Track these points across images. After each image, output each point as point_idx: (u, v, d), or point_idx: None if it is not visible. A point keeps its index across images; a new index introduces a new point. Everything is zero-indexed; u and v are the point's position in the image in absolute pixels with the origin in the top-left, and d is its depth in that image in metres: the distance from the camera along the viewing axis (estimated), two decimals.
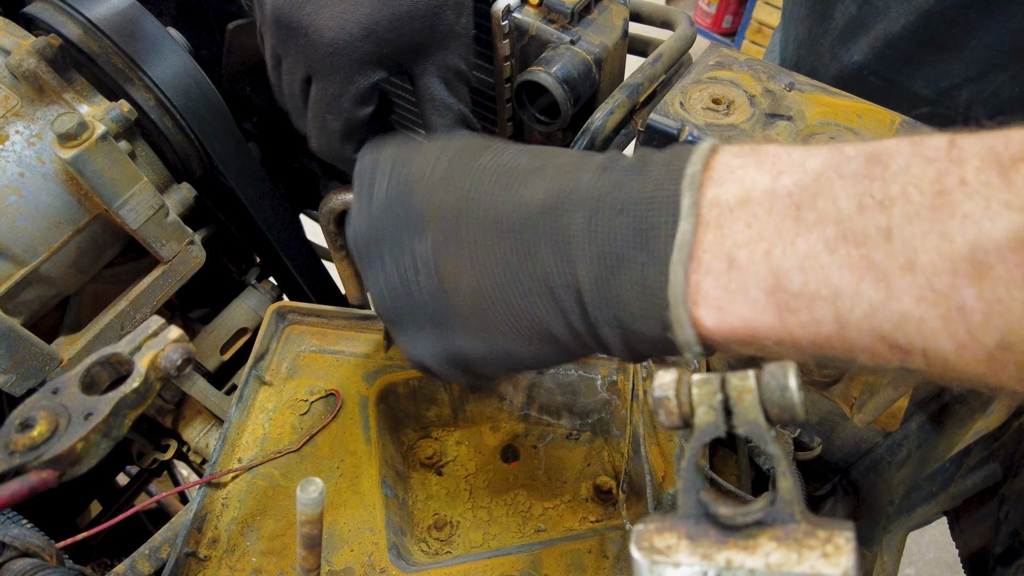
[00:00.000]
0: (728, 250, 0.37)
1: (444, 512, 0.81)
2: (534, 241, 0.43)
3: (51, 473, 0.45)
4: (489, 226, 0.44)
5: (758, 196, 0.37)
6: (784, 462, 0.36)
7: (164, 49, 0.77)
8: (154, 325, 0.52)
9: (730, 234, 0.37)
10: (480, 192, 0.46)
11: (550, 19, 0.71)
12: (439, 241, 0.47)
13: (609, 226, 0.40)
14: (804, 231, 0.35)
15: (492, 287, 0.45)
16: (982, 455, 0.63)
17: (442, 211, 0.47)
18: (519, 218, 0.43)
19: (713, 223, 0.37)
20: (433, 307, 0.48)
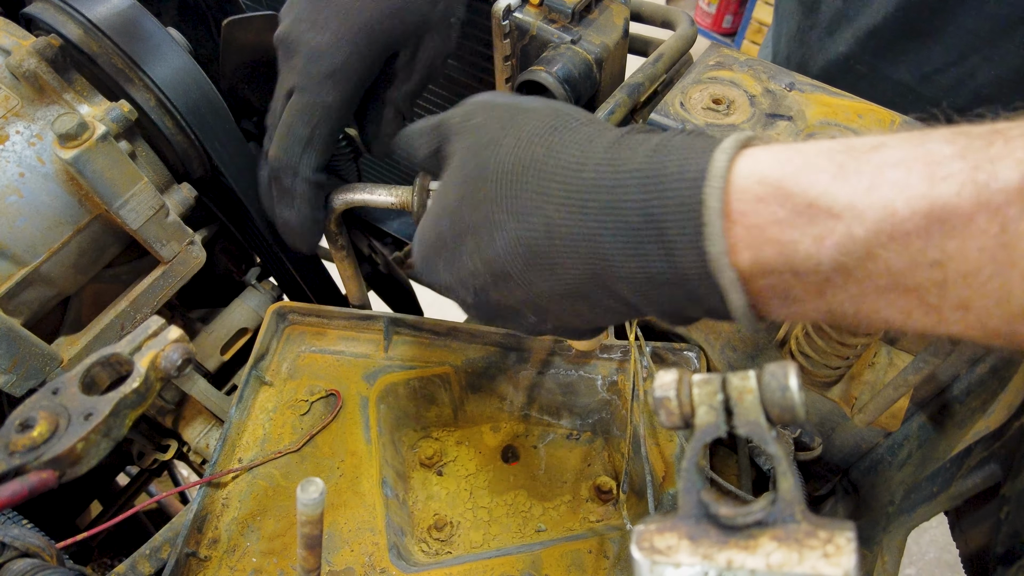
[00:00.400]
0: (785, 294, 0.38)
1: (444, 512, 0.81)
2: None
3: (51, 473, 0.45)
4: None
5: (800, 265, 0.36)
6: (785, 462, 0.36)
7: (164, 49, 0.77)
8: (154, 325, 0.52)
9: (783, 284, 0.37)
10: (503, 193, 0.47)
11: (551, 19, 0.71)
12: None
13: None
14: (854, 284, 0.35)
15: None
16: (982, 455, 0.63)
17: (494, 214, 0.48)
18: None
19: (756, 276, 0.38)
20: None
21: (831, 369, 0.68)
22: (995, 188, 0.30)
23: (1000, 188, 0.30)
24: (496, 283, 0.49)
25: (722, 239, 0.37)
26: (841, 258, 0.34)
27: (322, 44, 0.63)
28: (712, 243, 0.37)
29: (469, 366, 0.87)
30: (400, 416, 0.85)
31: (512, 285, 0.49)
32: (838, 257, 0.34)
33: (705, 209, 0.37)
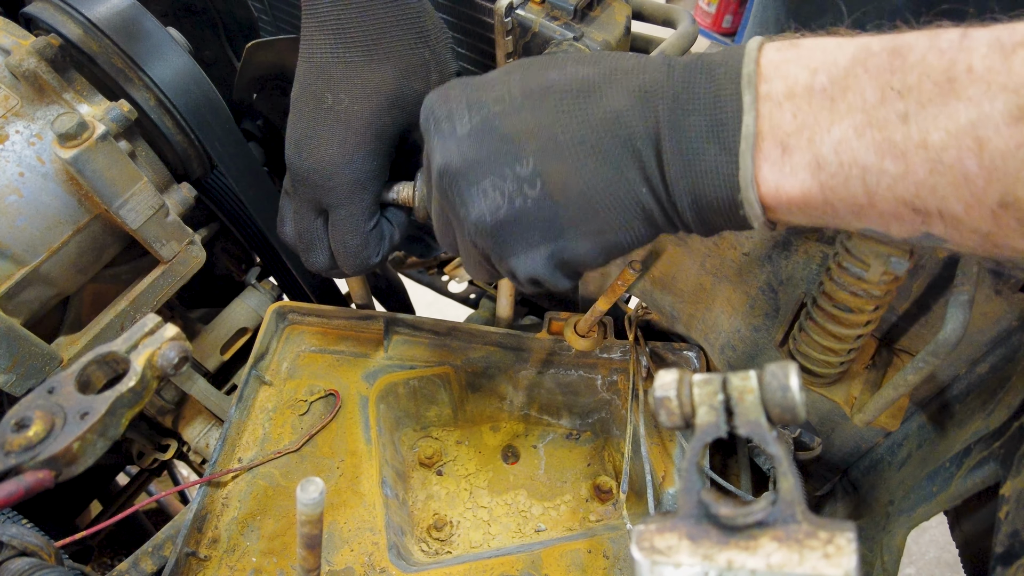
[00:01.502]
0: (781, 139, 0.44)
1: (444, 512, 0.81)
2: (629, 139, 0.49)
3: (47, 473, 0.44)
4: (586, 136, 0.50)
5: (800, 91, 0.43)
6: (785, 462, 0.36)
7: (164, 49, 0.77)
8: (150, 323, 0.52)
9: (781, 124, 0.44)
10: (565, 108, 0.50)
11: (553, 16, 0.71)
12: (542, 159, 0.51)
13: (686, 124, 0.47)
14: (837, 120, 0.41)
15: (601, 187, 0.50)
16: (982, 455, 0.63)
17: (537, 132, 0.51)
18: (611, 123, 0.49)
19: (767, 116, 0.44)
20: (545, 220, 0.52)
21: (831, 369, 0.68)
22: (942, 37, 0.38)
23: (946, 37, 0.38)
24: (521, 109, 0.51)
25: (754, 65, 0.45)
26: (826, 83, 0.42)
27: (335, 157, 0.64)
28: (748, 65, 0.45)
29: (469, 366, 0.86)
30: (400, 416, 0.85)
31: (540, 114, 0.51)
32: (823, 81, 0.42)
33: (746, 56, 0.46)
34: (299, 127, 0.66)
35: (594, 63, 0.52)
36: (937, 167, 0.38)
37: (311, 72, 0.64)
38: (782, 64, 0.44)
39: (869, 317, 0.61)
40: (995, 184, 0.36)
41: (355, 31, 0.62)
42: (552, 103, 0.51)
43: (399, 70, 0.64)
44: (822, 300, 0.62)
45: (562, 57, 0.54)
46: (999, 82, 0.35)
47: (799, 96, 0.43)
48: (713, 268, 0.76)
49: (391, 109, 0.64)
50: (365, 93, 0.63)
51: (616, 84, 0.50)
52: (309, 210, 0.69)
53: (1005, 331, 0.65)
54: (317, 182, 0.66)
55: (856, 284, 0.57)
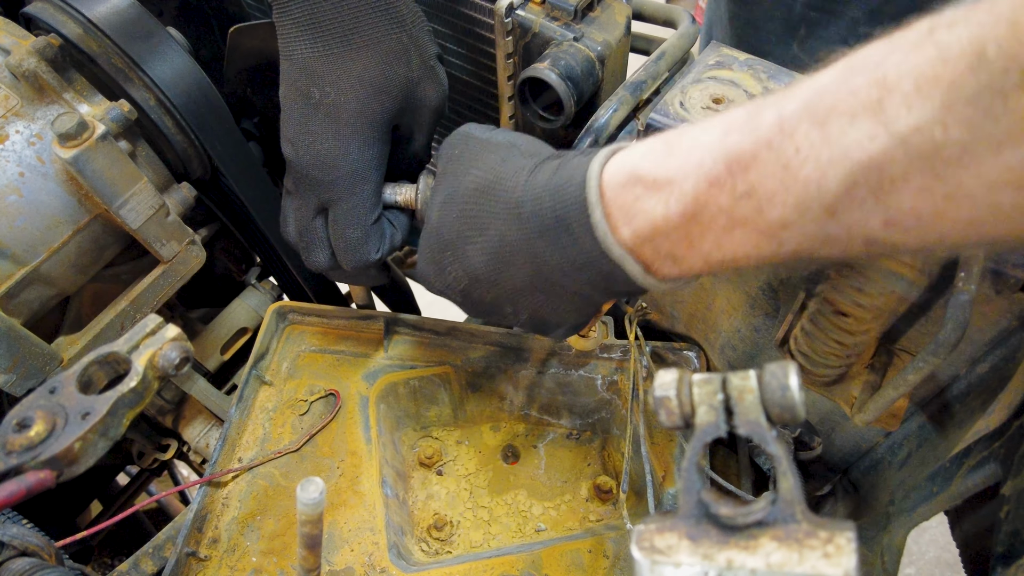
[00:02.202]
0: (670, 255, 0.48)
1: (444, 512, 0.81)
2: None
3: (49, 473, 0.44)
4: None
5: (660, 226, 0.47)
6: (785, 462, 0.36)
7: (164, 49, 0.77)
8: (152, 324, 0.52)
9: (663, 246, 0.48)
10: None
11: (553, 16, 0.71)
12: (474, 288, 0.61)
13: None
14: (707, 231, 0.45)
15: (524, 285, 0.58)
16: (982, 455, 0.63)
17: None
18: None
19: (641, 247, 0.49)
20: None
21: (831, 369, 0.68)
22: (764, 126, 0.41)
23: (767, 125, 0.41)
24: (473, 285, 0.60)
25: (604, 223, 0.49)
26: (684, 210, 0.45)
27: (331, 151, 0.65)
28: (597, 227, 0.49)
29: (469, 366, 0.86)
30: (400, 416, 0.85)
31: (486, 285, 0.60)
32: (682, 210, 0.45)
33: (588, 204, 0.50)
34: (291, 126, 0.66)
35: (483, 226, 0.58)
36: (804, 236, 0.42)
37: (293, 69, 0.64)
38: (634, 203, 0.48)
39: (870, 327, 0.61)
40: (857, 236, 0.40)
41: (330, 24, 0.62)
42: (485, 279, 0.59)
43: (379, 56, 0.64)
44: (824, 306, 0.62)
45: (487, 218, 0.59)
46: (824, 156, 0.38)
47: (663, 226, 0.47)
48: None
49: (378, 96, 0.65)
50: (349, 84, 0.64)
51: (510, 253, 0.57)
52: (310, 208, 0.69)
53: (1005, 331, 0.65)
54: (317, 177, 0.66)
55: (859, 296, 0.57)
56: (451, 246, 0.61)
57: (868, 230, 0.39)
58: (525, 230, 0.55)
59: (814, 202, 0.39)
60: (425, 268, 0.65)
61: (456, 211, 0.60)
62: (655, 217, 0.47)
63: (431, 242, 0.63)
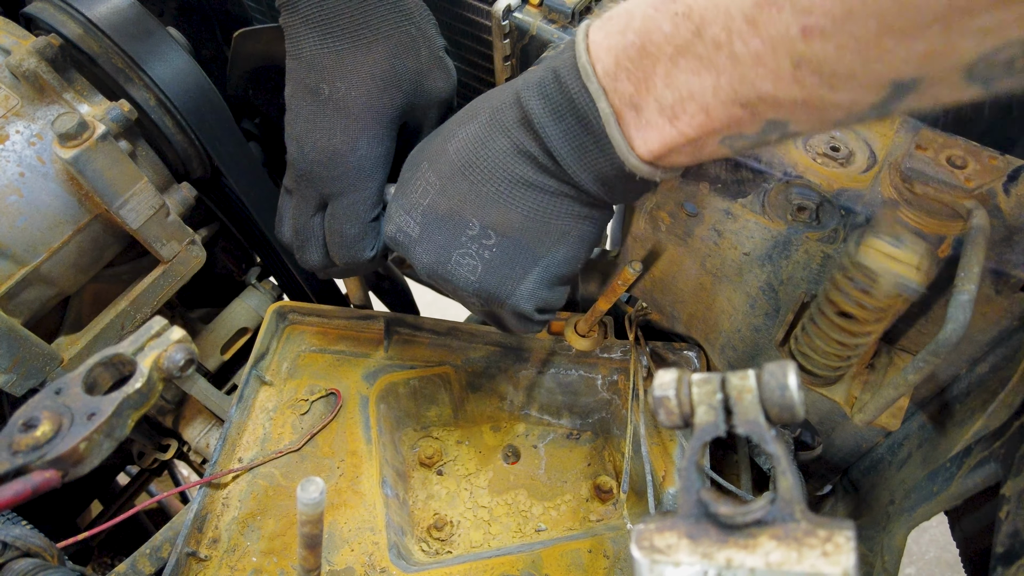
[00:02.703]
0: (630, 103, 0.50)
1: (444, 512, 0.81)
2: (529, 161, 0.57)
3: (54, 473, 0.45)
4: (495, 177, 0.59)
5: (623, 56, 0.49)
6: (784, 461, 0.36)
7: (164, 49, 0.77)
8: (157, 326, 0.52)
9: (624, 91, 0.50)
10: (471, 168, 0.60)
11: (551, 19, 0.71)
12: (479, 214, 0.60)
13: (563, 129, 0.54)
14: (654, 62, 0.47)
15: (531, 206, 0.59)
16: (982, 455, 0.63)
17: (464, 197, 0.60)
18: (508, 158, 0.58)
19: (612, 92, 0.50)
20: (515, 254, 0.61)
21: (831, 369, 0.68)
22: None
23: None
24: (441, 191, 0.60)
25: (586, 57, 0.51)
26: (637, 39, 0.47)
27: (338, 146, 0.65)
28: (580, 57, 0.51)
29: (469, 365, 0.87)
30: (400, 416, 0.85)
31: (454, 188, 0.59)
32: (635, 39, 0.47)
33: (576, 50, 0.51)
34: (298, 123, 0.66)
35: (474, 116, 0.60)
36: (735, 60, 0.42)
37: (301, 67, 0.65)
38: (603, 40, 0.50)
39: (873, 328, 0.61)
40: (781, 51, 0.40)
41: (339, 19, 0.63)
42: (459, 170, 0.59)
43: (388, 50, 0.64)
44: (826, 306, 0.62)
45: (453, 123, 0.62)
46: None
47: (624, 60, 0.49)
48: (713, 268, 0.76)
49: (387, 89, 0.65)
50: (359, 78, 0.64)
51: (496, 126, 0.58)
52: (310, 205, 0.69)
53: (1005, 331, 0.65)
54: (321, 173, 0.66)
55: (863, 298, 0.57)
56: (429, 154, 0.62)
57: (790, 44, 0.39)
58: (507, 98, 0.56)
59: (737, 13, 0.40)
60: (394, 199, 0.64)
61: (442, 128, 0.62)
62: (616, 49, 0.49)
63: (405, 166, 0.64)
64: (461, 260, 0.61)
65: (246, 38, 0.85)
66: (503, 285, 0.61)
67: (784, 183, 0.63)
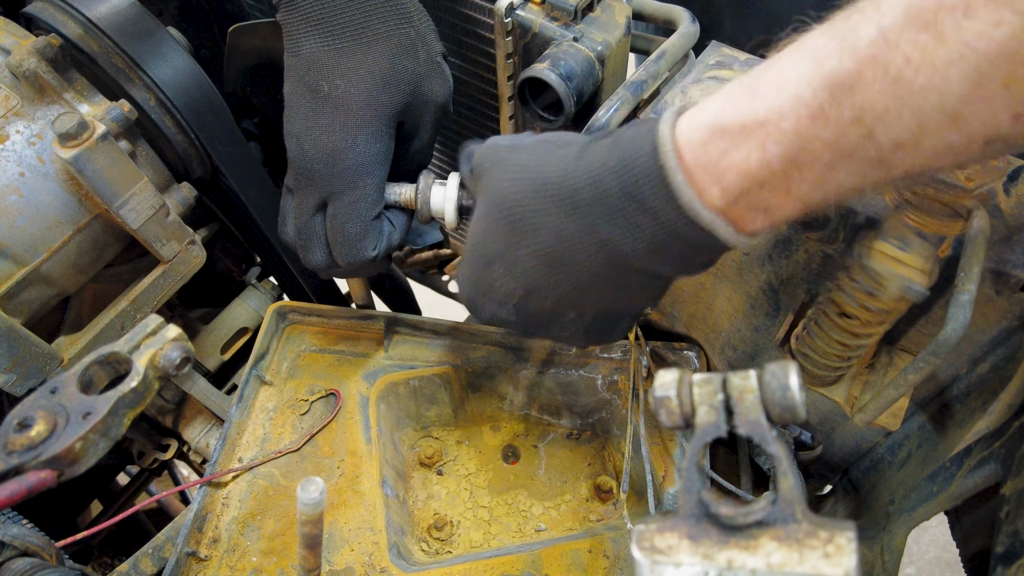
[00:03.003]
0: (763, 207, 0.45)
1: (444, 512, 0.81)
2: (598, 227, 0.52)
3: (50, 473, 0.44)
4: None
5: (757, 175, 0.43)
6: (785, 462, 0.36)
7: (164, 49, 0.77)
8: (152, 324, 0.52)
9: (756, 199, 0.45)
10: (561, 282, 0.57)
11: (553, 16, 0.71)
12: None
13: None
14: (806, 171, 0.42)
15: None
16: (982, 455, 0.63)
17: (551, 296, 0.58)
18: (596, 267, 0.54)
19: (731, 206, 0.45)
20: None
21: (831, 369, 0.68)
22: (863, 44, 0.38)
23: (867, 42, 0.38)
24: (529, 295, 0.57)
25: (688, 188, 0.45)
26: (783, 152, 0.42)
27: (337, 144, 0.65)
28: (682, 194, 0.45)
29: (469, 366, 0.86)
30: (400, 416, 0.85)
31: (544, 291, 0.56)
32: (781, 152, 0.42)
33: (666, 170, 0.46)
34: (297, 121, 0.66)
35: (533, 228, 0.54)
36: (918, 154, 0.39)
37: (301, 65, 0.65)
38: (720, 158, 0.44)
39: (875, 330, 0.61)
40: (979, 138, 0.37)
41: (340, 18, 0.63)
42: (543, 285, 0.56)
43: (388, 50, 0.64)
44: (829, 308, 0.62)
45: (508, 218, 0.56)
46: (942, 59, 0.36)
47: (759, 174, 0.43)
48: (713, 268, 0.76)
49: (386, 88, 0.65)
50: (359, 75, 0.64)
51: (571, 252, 0.53)
52: (311, 204, 0.69)
53: (1005, 331, 0.65)
54: (321, 171, 0.66)
55: (868, 300, 0.57)
56: (498, 258, 0.57)
57: (993, 128, 0.36)
58: (587, 218, 0.50)
59: (934, 111, 0.36)
60: (471, 293, 0.62)
61: (499, 220, 0.56)
62: (750, 168, 0.43)
63: (474, 261, 0.60)
64: (562, 334, 0.62)
65: (241, 33, 0.85)
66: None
67: None
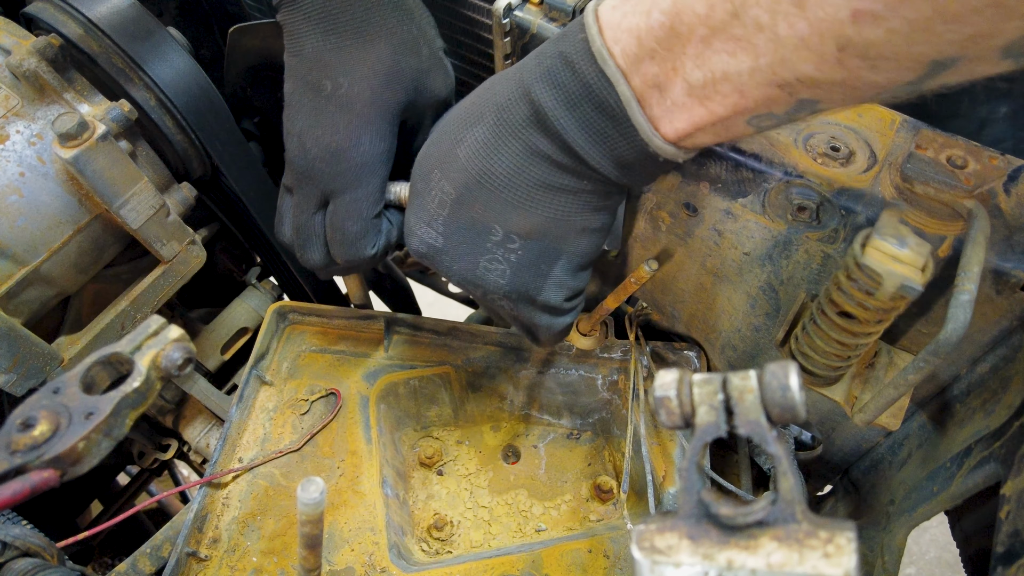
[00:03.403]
0: (654, 84, 0.49)
1: (444, 511, 0.81)
2: (543, 161, 0.56)
3: (52, 473, 0.44)
4: (511, 180, 0.58)
5: (645, 36, 0.48)
6: (785, 462, 0.36)
7: (164, 49, 0.77)
8: (155, 324, 0.52)
9: (647, 72, 0.49)
10: (484, 174, 0.59)
11: (551, 17, 0.71)
12: (500, 220, 0.60)
13: (578, 117, 0.53)
14: (684, 42, 0.46)
15: (549, 204, 0.58)
16: (983, 455, 0.63)
17: (484, 206, 0.60)
18: (523, 158, 0.57)
19: (633, 74, 0.49)
20: (540, 252, 0.61)
21: (831, 369, 0.68)
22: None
23: None
24: (460, 198, 0.60)
25: (598, 36, 0.50)
26: (664, 20, 0.46)
27: (341, 142, 0.65)
28: (593, 40, 0.50)
29: (469, 365, 0.87)
30: (400, 415, 0.85)
31: (474, 190, 0.59)
32: (661, 20, 0.46)
33: (585, 26, 0.50)
34: (299, 120, 0.66)
35: (480, 117, 0.59)
36: (777, 42, 0.42)
37: (303, 64, 0.64)
38: (621, 20, 0.49)
39: (874, 329, 0.61)
40: (827, 35, 0.39)
41: (343, 16, 0.63)
42: (475, 179, 0.59)
43: (392, 47, 0.64)
44: (828, 307, 0.62)
45: (457, 123, 0.61)
46: None
47: (648, 40, 0.47)
48: (713, 268, 0.76)
49: (390, 85, 0.65)
50: (363, 73, 0.64)
51: (506, 128, 0.57)
52: (311, 203, 0.69)
53: (1005, 331, 0.65)
54: (323, 170, 0.66)
55: (866, 299, 0.57)
56: (437, 165, 0.60)
57: (838, 27, 0.38)
58: (522, 85, 0.55)
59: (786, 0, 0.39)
60: (409, 220, 0.64)
61: (441, 132, 0.60)
62: (639, 32, 0.47)
63: (414, 182, 0.62)
64: (489, 266, 0.62)
65: (242, 34, 0.85)
66: (531, 283, 0.62)
67: (784, 183, 0.63)
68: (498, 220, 0.59)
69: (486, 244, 0.61)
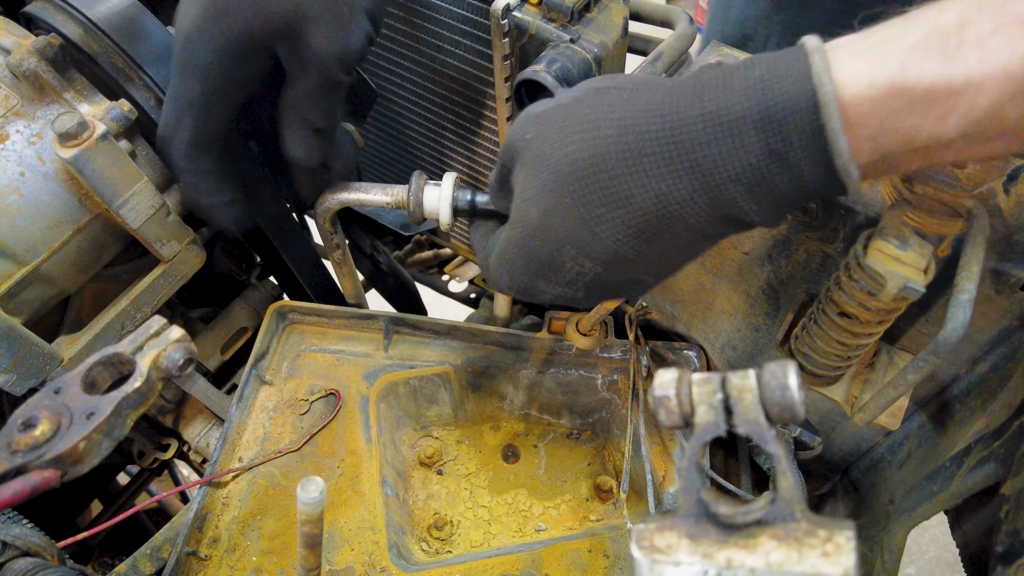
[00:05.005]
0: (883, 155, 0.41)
1: (444, 511, 0.81)
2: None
3: (53, 472, 0.45)
4: None
5: (922, 143, 0.39)
6: (784, 461, 0.36)
7: (165, 48, 0.77)
8: (156, 325, 0.52)
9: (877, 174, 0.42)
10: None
11: (550, 18, 0.71)
12: None
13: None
14: (970, 143, 0.39)
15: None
16: (982, 454, 0.63)
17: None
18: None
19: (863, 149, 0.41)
20: None
21: (831, 368, 0.68)
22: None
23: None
24: (609, 270, 0.50)
25: (846, 151, 0.39)
26: (964, 126, 0.37)
27: (190, 32, 0.62)
28: (839, 156, 0.40)
29: (469, 365, 0.87)
30: (400, 415, 0.85)
31: (626, 266, 0.50)
32: (960, 126, 0.37)
33: (828, 131, 0.39)
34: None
35: (626, 196, 0.46)
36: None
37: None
38: (882, 122, 0.39)
39: (875, 329, 0.61)
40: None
41: None
42: (630, 257, 0.49)
43: None
44: (828, 307, 0.62)
45: (580, 196, 0.47)
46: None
47: (911, 151, 0.40)
48: (713, 268, 0.76)
49: (249, 6, 0.59)
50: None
51: (671, 219, 0.46)
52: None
53: (1005, 331, 0.65)
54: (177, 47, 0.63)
55: (867, 300, 0.57)
56: (569, 240, 0.49)
57: None
58: (707, 178, 0.43)
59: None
60: (526, 279, 0.54)
61: (570, 193, 0.47)
62: (916, 136, 0.39)
63: (528, 247, 0.51)
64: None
65: None
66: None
67: None
68: (653, 273, 0.53)
69: (633, 289, 0.55)
